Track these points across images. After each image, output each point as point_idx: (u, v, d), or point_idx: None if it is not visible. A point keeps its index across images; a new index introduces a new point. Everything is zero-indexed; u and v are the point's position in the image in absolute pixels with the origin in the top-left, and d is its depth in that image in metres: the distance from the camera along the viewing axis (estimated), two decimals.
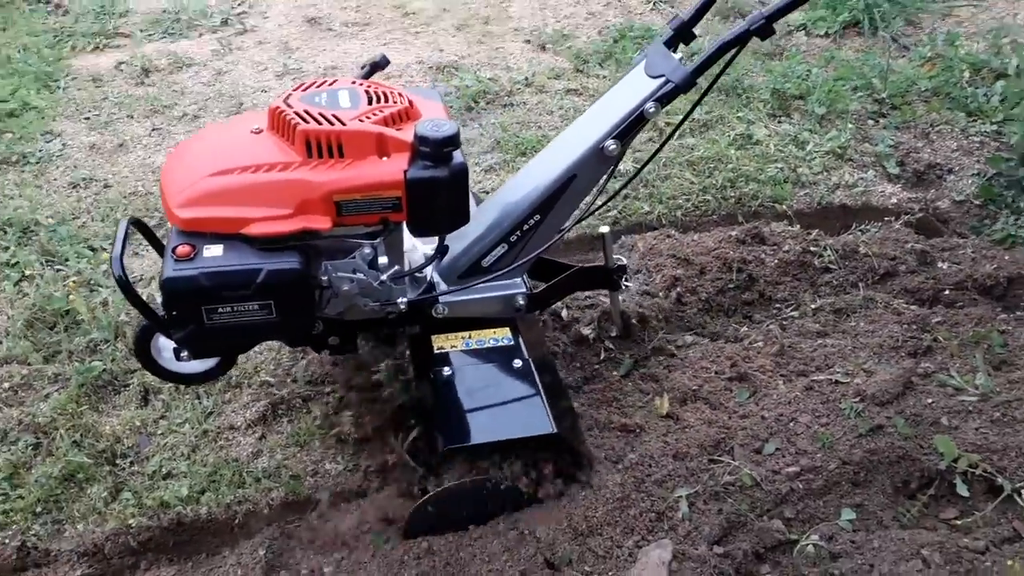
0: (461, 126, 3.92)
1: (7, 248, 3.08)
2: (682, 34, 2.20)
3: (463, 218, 1.99)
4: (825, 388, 2.38)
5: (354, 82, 2.05)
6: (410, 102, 2.00)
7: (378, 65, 2.29)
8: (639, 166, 2.38)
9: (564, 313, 2.74)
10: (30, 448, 2.34)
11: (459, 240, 2.19)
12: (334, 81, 2.05)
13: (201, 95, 4.24)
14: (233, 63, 4.58)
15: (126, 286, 1.83)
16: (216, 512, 2.20)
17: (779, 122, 3.98)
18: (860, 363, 2.49)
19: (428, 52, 4.71)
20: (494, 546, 2.02)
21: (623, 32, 4.82)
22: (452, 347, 2.23)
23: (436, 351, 2.22)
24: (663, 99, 2.04)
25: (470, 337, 2.26)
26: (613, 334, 2.68)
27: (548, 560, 2.01)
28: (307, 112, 1.89)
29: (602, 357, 2.64)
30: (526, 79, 4.39)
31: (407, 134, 1.88)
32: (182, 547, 2.18)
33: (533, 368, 2.17)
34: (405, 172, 1.85)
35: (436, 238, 2.06)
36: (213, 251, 1.81)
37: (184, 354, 1.97)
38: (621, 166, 3.56)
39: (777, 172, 3.57)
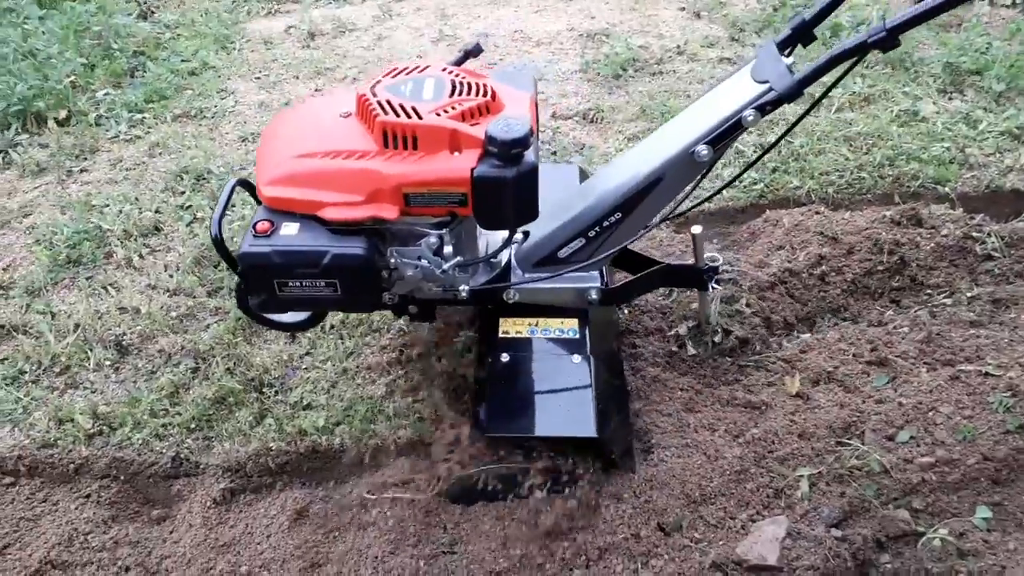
0: (596, 100, 3.91)
1: (183, 192, 3.37)
2: (800, 35, 1.99)
3: (530, 216, 1.96)
4: (973, 379, 2.22)
5: (444, 69, 2.06)
6: (493, 94, 1.99)
7: (471, 52, 2.27)
8: (739, 171, 2.25)
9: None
10: (189, 371, 2.57)
11: (540, 227, 2.16)
12: (425, 67, 2.07)
13: (361, 59, 4.43)
14: (392, 28, 4.76)
15: (220, 245, 1.94)
16: (348, 443, 2.34)
17: (949, 98, 3.70)
18: (1016, 356, 2.30)
19: (580, 19, 4.70)
20: (607, 505, 2.04)
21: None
22: (517, 332, 2.22)
23: (500, 334, 2.22)
24: (763, 107, 1.88)
25: (536, 325, 2.24)
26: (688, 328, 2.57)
27: (660, 524, 2.01)
28: (388, 103, 1.91)
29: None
30: (678, 47, 4.30)
31: (481, 130, 1.87)
32: (314, 473, 2.33)
33: (591, 366, 2.12)
34: (472, 170, 1.85)
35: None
36: (289, 230, 1.90)
37: None
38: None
39: (943, 151, 3.33)
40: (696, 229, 2.27)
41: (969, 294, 2.66)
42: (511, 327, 2.24)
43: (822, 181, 3.26)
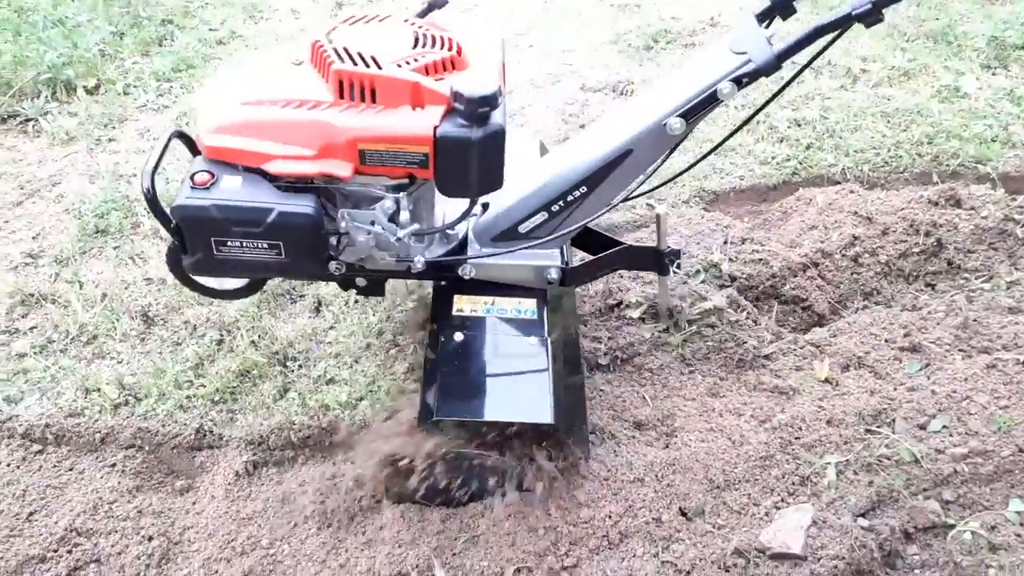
0: (626, 72, 3.82)
1: None
2: (779, 7, 1.90)
3: (495, 184, 1.85)
4: (1010, 368, 2.16)
5: (407, 20, 1.93)
6: (459, 49, 1.86)
7: (436, 4, 2.11)
8: (704, 153, 2.16)
9: (725, 266, 2.64)
10: (214, 343, 2.58)
11: (500, 199, 2.07)
12: (386, 16, 1.94)
13: None
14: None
15: (152, 200, 1.78)
16: (370, 419, 2.33)
17: (993, 74, 3.58)
18: None
19: None
20: (628, 489, 2.02)
21: None
22: (472, 311, 2.09)
23: (454, 312, 2.09)
24: (741, 80, 1.80)
25: (492, 303, 2.11)
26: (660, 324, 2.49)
27: (682, 509, 1.99)
28: (346, 50, 1.78)
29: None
30: (711, 18, 4.20)
31: (446, 86, 1.75)
32: (336, 447, 2.32)
33: (548, 348, 1.99)
34: (435, 128, 1.72)
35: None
36: (231, 183, 1.76)
37: None
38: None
39: (985, 129, 3.23)
40: (661, 210, 2.20)
41: (1008, 279, 2.59)
42: (466, 305, 2.11)
43: (858, 159, 3.18)
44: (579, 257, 2.38)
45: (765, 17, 1.92)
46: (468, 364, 1.99)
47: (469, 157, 1.75)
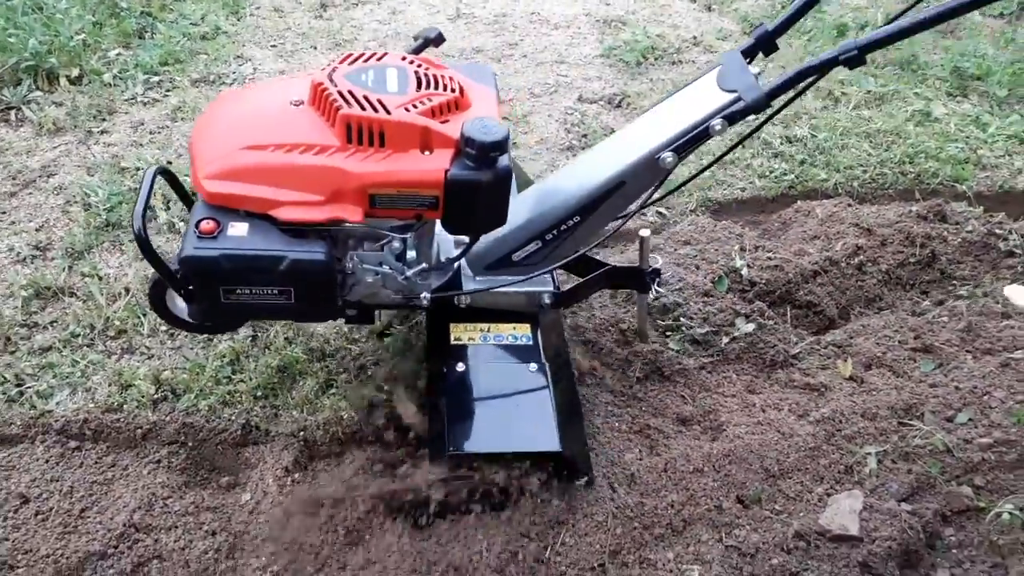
0: (620, 85, 3.93)
1: None
2: (763, 44, 2.03)
3: (499, 221, 1.90)
4: (1022, 367, 2.37)
5: (404, 58, 1.93)
6: (462, 90, 1.87)
7: (431, 41, 2.10)
8: (691, 175, 2.37)
9: (745, 272, 2.78)
10: (248, 340, 2.54)
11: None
12: (383, 55, 1.92)
13: (378, 32, 4.39)
14: (406, 3, 4.72)
15: (144, 243, 1.75)
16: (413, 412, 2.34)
17: (958, 101, 3.88)
18: None
19: (595, 5, 4.75)
20: (688, 480, 2.12)
21: None
22: (470, 339, 2.14)
23: (453, 342, 2.13)
24: (731, 117, 1.89)
25: (488, 331, 2.16)
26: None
27: (739, 497, 2.10)
28: (351, 93, 1.76)
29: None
30: (694, 38, 4.39)
31: (454, 128, 1.76)
32: (383, 441, 2.33)
33: (548, 374, 2.07)
34: (446, 171, 1.74)
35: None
36: (237, 230, 1.74)
37: None
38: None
39: (957, 152, 3.50)
40: (645, 233, 2.26)
41: (996, 287, 2.82)
42: (463, 334, 2.15)
43: (847, 175, 3.39)
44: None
45: (749, 54, 2.04)
46: (473, 396, 2.04)
47: (478, 198, 1.80)
